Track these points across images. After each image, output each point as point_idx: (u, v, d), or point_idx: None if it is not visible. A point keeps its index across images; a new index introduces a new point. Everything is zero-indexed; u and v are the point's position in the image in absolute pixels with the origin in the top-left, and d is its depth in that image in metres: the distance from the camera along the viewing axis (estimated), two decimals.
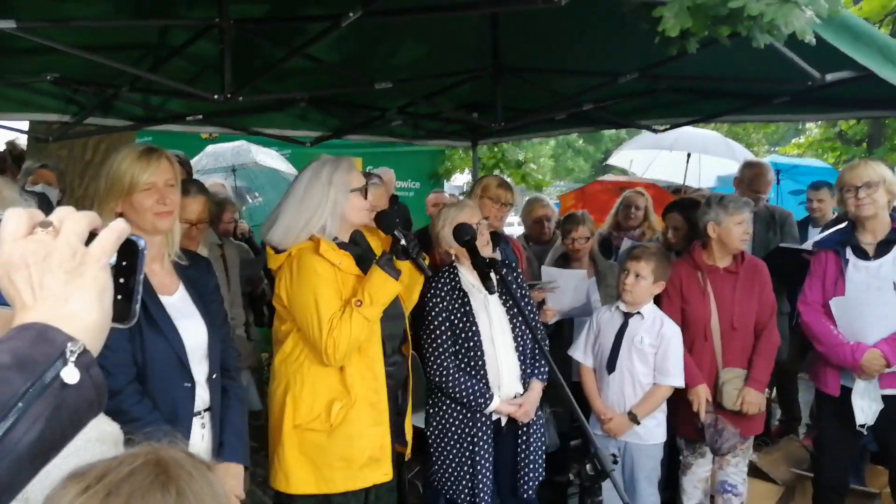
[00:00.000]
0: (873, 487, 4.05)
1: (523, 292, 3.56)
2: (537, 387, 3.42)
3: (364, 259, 2.90)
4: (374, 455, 2.86)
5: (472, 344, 3.32)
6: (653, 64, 3.65)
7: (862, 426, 3.60)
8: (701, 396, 3.74)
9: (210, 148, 8.22)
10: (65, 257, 0.83)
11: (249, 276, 4.92)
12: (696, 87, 4.47)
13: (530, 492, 3.40)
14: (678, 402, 3.85)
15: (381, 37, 3.91)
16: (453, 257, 3.44)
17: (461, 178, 11.52)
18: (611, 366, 3.75)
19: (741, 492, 3.94)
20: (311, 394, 2.81)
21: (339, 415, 2.78)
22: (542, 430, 3.49)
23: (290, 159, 8.27)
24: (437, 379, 3.34)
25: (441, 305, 3.36)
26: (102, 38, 3.49)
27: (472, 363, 3.32)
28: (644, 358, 3.70)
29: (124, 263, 0.88)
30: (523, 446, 3.41)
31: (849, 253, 3.67)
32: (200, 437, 2.49)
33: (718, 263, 3.89)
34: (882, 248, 3.59)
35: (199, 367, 2.47)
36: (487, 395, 3.29)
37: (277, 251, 2.86)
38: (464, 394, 3.29)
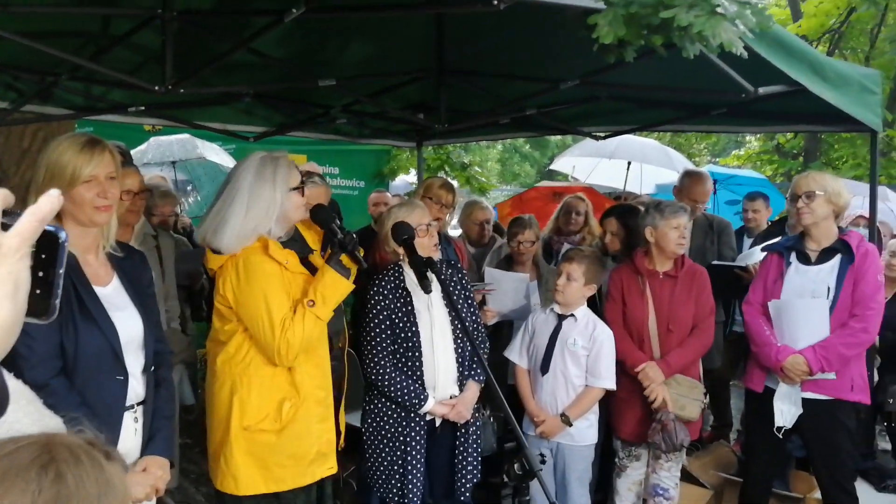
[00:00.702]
0: (798, 493, 4.17)
1: (467, 293, 3.57)
2: (473, 388, 3.44)
3: (307, 258, 2.89)
4: (322, 450, 2.89)
5: (410, 344, 3.32)
6: (593, 72, 3.72)
7: (780, 429, 3.71)
8: (650, 374, 3.80)
9: (154, 140, 8.07)
10: None
11: (189, 271, 4.84)
12: (636, 97, 4.56)
13: (466, 493, 3.41)
14: (618, 404, 3.93)
15: (327, 35, 3.90)
16: (400, 257, 3.44)
17: (406, 179, 11.52)
18: (544, 367, 3.80)
19: (673, 496, 4.02)
20: (259, 395, 2.78)
21: (289, 414, 2.78)
22: (479, 432, 3.50)
23: (233, 155, 8.16)
24: (373, 377, 3.34)
25: (382, 304, 3.36)
26: (43, 25, 3.40)
27: (410, 363, 3.33)
28: (576, 360, 3.76)
29: (43, 256, 0.84)
30: (460, 447, 3.42)
31: (792, 257, 3.78)
32: (133, 430, 2.45)
33: (658, 268, 3.98)
34: (824, 256, 3.70)
35: (134, 360, 2.43)
36: (422, 396, 3.30)
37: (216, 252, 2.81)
38: (398, 393, 3.29)
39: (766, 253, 4.26)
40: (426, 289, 2.87)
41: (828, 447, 3.70)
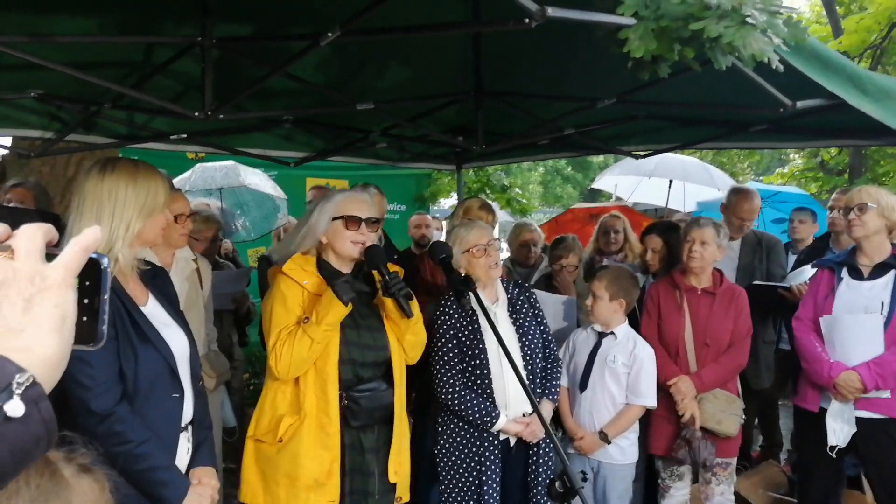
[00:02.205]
0: None
1: (535, 311, 3.58)
2: (547, 406, 3.45)
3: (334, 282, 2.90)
4: (320, 479, 2.81)
5: (478, 362, 3.34)
6: (630, 90, 3.70)
7: (833, 448, 3.63)
8: (681, 388, 3.77)
9: (199, 167, 8.23)
10: (22, 284, 0.77)
11: (233, 294, 4.91)
12: (674, 115, 4.54)
13: None
14: (654, 420, 3.90)
15: (364, 59, 3.95)
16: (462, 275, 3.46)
17: (447, 202, 11.55)
18: (583, 384, 3.79)
19: None
20: (269, 407, 2.87)
21: (289, 431, 2.80)
22: (551, 451, 3.46)
23: (276, 180, 8.28)
24: (443, 396, 3.37)
25: (449, 323, 3.39)
26: (86, 55, 3.51)
27: (479, 381, 3.35)
28: (616, 377, 3.74)
29: (87, 283, 0.84)
30: (533, 466, 3.41)
31: (844, 272, 3.73)
32: (186, 450, 2.49)
33: (696, 284, 3.96)
34: (877, 271, 3.65)
35: (186, 376, 2.47)
36: (494, 414, 3.30)
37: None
38: (470, 412, 3.30)
39: (815, 270, 4.19)
40: (464, 307, 2.88)
41: (884, 467, 3.62)
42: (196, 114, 3.39)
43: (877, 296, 3.60)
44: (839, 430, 3.63)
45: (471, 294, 2.98)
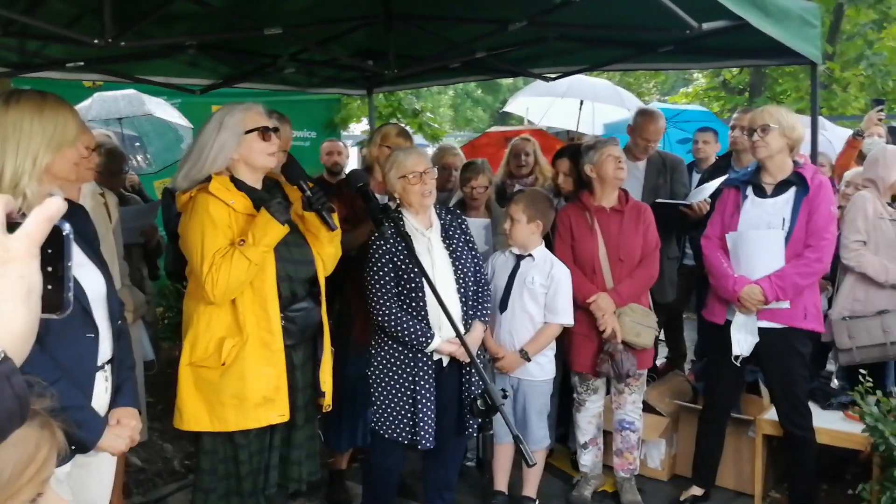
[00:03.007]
0: (749, 415, 4.33)
1: (467, 237, 3.63)
2: (479, 328, 3.52)
3: (262, 201, 2.88)
4: (269, 395, 2.85)
5: (413, 285, 3.38)
6: (541, 12, 3.71)
7: (737, 357, 3.85)
8: (601, 304, 3.92)
9: (98, 95, 7.85)
10: None
11: (142, 227, 4.77)
12: (584, 36, 4.57)
13: (475, 430, 3.49)
14: (573, 339, 4.05)
15: None
16: (397, 201, 3.47)
17: (357, 128, 11.39)
18: (503, 305, 3.89)
19: (638, 427, 4.19)
20: (205, 332, 2.82)
21: (232, 353, 2.79)
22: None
23: (180, 109, 7.99)
24: (379, 319, 3.40)
25: (384, 248, 3.41)
26: None
27: (414, 304, 3.39)
28: (535, 298, 3.86)
29: (50, 251, 0.82)
30: (466, 385, 3.49)
31: (749, 191, 3.87)
32: (104, 388, 2.43)
33: (604, 203, 4.09)
34: (780, 188, 3.79)
35: (102, 316, 2.40)
36: (429, 335, 3.36)
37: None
38: (405, 333, 3.35)
39: (715, 188, 4.36)
40: (382, 234, 2.90)
41: (783, 373, 3.84)
42: (96, 41, 3.24)
43: (779, 212, 3.76)
44: (743, 340, 3.82)
45: (397, 220, 2.99)
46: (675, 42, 4.28)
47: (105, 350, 2.42)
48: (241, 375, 2.80)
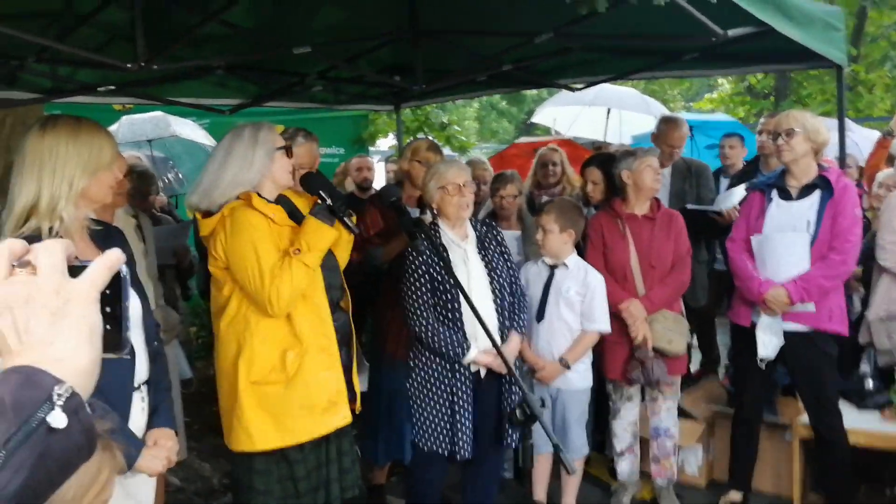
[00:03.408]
0: (785, 419, 4.30)
1: (503, 249, 3.66)
2: (515, 338, 3.53)
3: (295, 214, 2.93)
4: (332, 399, 2.88)
5: (449, 297, 3.40)
6: (567, 23, 3.73)
7: (762, 360, 3.83)
8: (632, 311, 3.92)
9: (126, 119, 7.99)
10: (48, 298, 0.78)
11: (174, 248, 4.85)
12: (609, 46, 4.58)
13: (515, 441, 3.49)
14: (606, 346, 4.05)
15: (298, 1, 3.88)
16: (435, 211, 3.51)
17: (385, 143, 11.45)
18: (539, 315, 3.90)
19: (674, 433, 4.18)
20: (262, 348, 2.81)
21: (294, 363, 2.80)
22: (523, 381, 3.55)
23: (209, 129, 8.11)
24: (416, 330, 3.42)
25: (420, 259, 3.43)
26: (3, 7, 3.36)
27: (451, 315, 3.41)
28: (571, 306, 3.87)
29: (108, 292, 0.84)
30: (505, 395, 3.50)
31: (774, 194, 3.87)
32: (141, 410, 2.46)
33: (636, 211, 4.10)
34: (805, 191, 3.79)
35: (138, 337, 2.44)
36: (465, 346, 3.37)
37: (206, 216, 2.86)
38: (442, 344, 3.37)
39: (743, 193, 4.35)
40: (416, 248, 2.92)
41: (811, 375, 3.84)
42: (129, 65, 3.29)
43: (804, 215, 3.76)
44: (768, 342, 3.82)
45: (430, 234, 3.02)
46: (700, 49, 4.28)
47: (141, 371, 2.44)
48: (305, 384, 2.82)
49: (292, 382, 2.81)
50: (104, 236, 2.48)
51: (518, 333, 3.55)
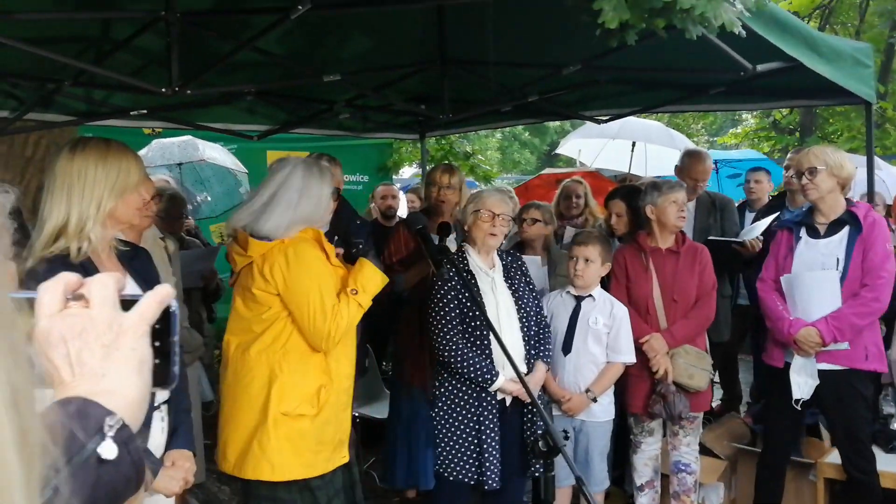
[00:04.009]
0: (810, 458, 4.23)
1: (527, 279, 3.67)
2: (541, 368, 3.54)
3: (349, 256, 3.03)
4: (342, 438, 2.94)
5: (478, 323, 3.41)
6: (595, 56, 3.75)
7: (797, 401, 3.76)
8: (654, 345, 3.90)
9: (157, 142, 8.10)
10: (100, 331, 0.80)
11: (201, 271, 4.89)
12: (636, 79, 4.60)
13: (539, 469, 3.43)
14: (628, 379, 4.01)
15: (329, 30, 3.94)
16: (457, 238, 3.57)
17: (408, 171, 11.52)
18: (567, 348, 3.87)
19: (694, 469, 4.10)
20: (299, 380, 2.82)
21: (325, 399, 2.83)
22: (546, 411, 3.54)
23: (236, 154, 8.20)
24: (445, 355, 3.42)
25: (449, 285, 3.45)
26: (43, 31, 3.44)
27: (479, 342, 3.42)
28: (598, 338, 3.85)
29: (158, 327, 0.86)
30: (528, 424, 3.48)
31: (802, 232, 3.82)
32: (160, 429, 2.48)
33: (661, 245, 4.07)
34: (833, 228, 3.73)
35: None
36: (493, 373, 3.37)
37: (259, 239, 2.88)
38: (471, 370, 3.37)
39: (766, 226, 4.31)
40: (442, 276, 2.94)
41: (846, 416, 3.74)
42: (163, 90, 3.36)
43: (833, 252, 3.69)
44: (803, 383, 3.74)
45: (455, 261, 3.05)
46: (729, 84, 4.29)
47: (163, 392, 2.46)
48: (327, 421, 2.86)
49: (317, 418, 2.84)
50: (131, 257, 2.52)
51: (543, 364, 3.54)
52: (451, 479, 3.44)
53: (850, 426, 3.75)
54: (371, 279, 2.87)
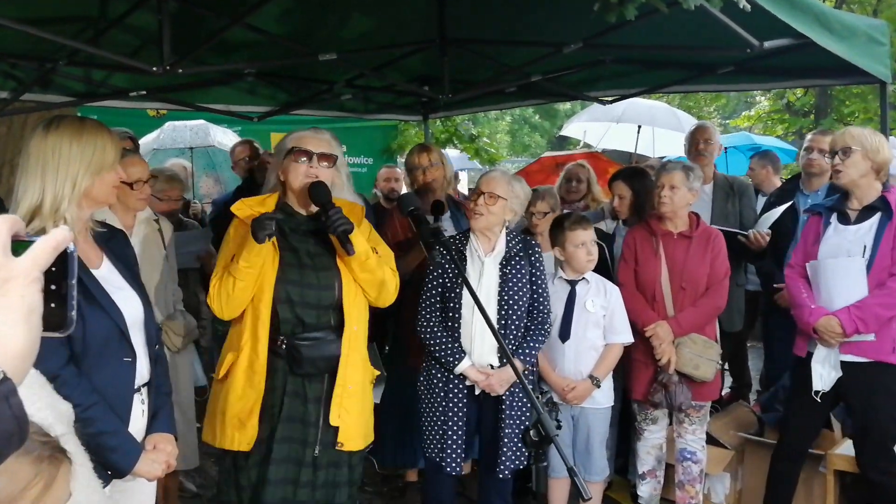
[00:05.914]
0: (819, 450, 4.13)
1: (534, 270, 3.54)
2: (517, 366, 3.36)
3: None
4: (241, 418, 2.76)
5: (452, 304, 3.41)
6: (596, 34, 3.66)
7: (817, 392, 3.59)
8: (659, 333, 3.81)
9: (169, 124, 8.08)
10: None
11: (197, 252, 4.83)
12: (641, 58, 4.51)
13: (506, 472, 3.39)
14: (633, 365, 3.95)
15: (327, 8, 3.87)
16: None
17: None
18: (565, 335, 3.77)
19: (700, 458, 4.01)
20: (225, 347, 2.89)
21: (225, 367, 2.81)
22: (526, 414, 3.41)
23: (240, 136, 8.17)
24: (419, 331, 3.46)
25: (439, 269, 3.45)
26: (39, 11, 3.40)
27: (452, 325, 3.42)
28: (596, 322, 3.77)
29: (54, 269, 0.81)
30: (501, 424, 3.40)
31: (833, 217, 3.64)
32: (140, 412, 2.43)
33: (672, 228, 3.95)
34: (864, 214, 3.55)
35: (139, 340, 2.41)
36: (459, 356, 3.35)
37: None
38: (437, 349, 3.38)
39: (780, 212, 4.18)
40: (433, 259, 2.87)
41: (868, 411, 3.56)
42: (154, 68, 3.30)
43: (861, 239, 3.52)
44: (825, 374, 3.58)
45: (448, 245, 2.94)
46: (736, 62, 4.19)
47: (142, 374, 2.42)
48: (227, 391, 2.79)
49: (222, 385, 2.87)
50: (108, 238, 2.47)
51: (521, 362, 3.36)
52: (426, 454, 3.49)
53: (873, 423, 3.55)
54: (247, 247, 2.70)
